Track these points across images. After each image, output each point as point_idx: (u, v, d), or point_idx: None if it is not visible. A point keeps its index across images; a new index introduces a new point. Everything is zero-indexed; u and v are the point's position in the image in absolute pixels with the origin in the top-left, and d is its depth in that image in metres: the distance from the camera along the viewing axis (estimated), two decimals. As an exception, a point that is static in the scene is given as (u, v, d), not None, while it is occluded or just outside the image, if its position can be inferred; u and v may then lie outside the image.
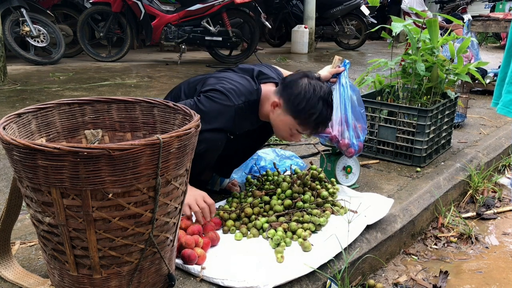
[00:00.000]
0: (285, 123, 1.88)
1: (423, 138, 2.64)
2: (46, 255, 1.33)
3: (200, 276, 1.54)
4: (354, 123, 2.19)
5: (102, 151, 1.11)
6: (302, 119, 1.85)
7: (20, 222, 1.90)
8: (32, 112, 1.45)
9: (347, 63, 2.17)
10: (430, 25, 2.61)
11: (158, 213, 1.27)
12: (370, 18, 8.75)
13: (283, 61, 7.16)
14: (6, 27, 5.38)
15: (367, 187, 2.41)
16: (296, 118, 1.85)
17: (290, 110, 1.85)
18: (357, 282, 1.86)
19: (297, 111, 1.84)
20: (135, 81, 5.16)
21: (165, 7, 6.46)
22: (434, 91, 2.75)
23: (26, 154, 1.14)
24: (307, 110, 1.83)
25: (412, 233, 2.26)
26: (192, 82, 2.02)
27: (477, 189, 2.77)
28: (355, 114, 2.18)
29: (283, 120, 1.88)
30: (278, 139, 3.22)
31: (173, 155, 1.25)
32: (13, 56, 5.88)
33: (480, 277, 2.04)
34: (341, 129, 2.16)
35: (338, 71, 2.17)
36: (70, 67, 5.99)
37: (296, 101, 1.83)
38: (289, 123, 1.87)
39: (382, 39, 10.32)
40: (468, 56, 4.16)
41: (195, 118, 1.35)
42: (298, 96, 1.83)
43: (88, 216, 1.18)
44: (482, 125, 3.79)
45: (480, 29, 4.90)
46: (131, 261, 1.29)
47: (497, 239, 2.39)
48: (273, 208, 1.94)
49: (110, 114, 1.61)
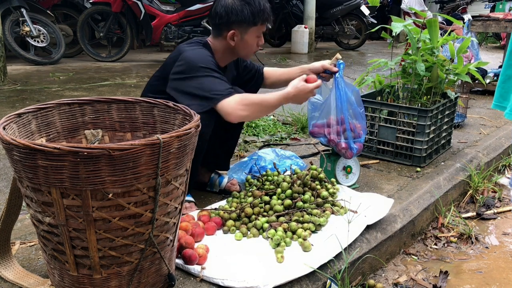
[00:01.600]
0: (251, 37, 2.01)
1: (423, 138, 2.64)
2: (46, 255, 1.33)
3: (200, 276, 1.54)
4: (354, 124, 2.19)
5: (102, 151, 1.11)
6: (259, 18, 1.98)
7: (20, 222, 1.90)
8: (32, 112, 1.45)
9: (341, 63, 2.16)
10: (430, 25, 2.61)
11: (158, 213, 1.27)
12: (370, 18, 8.74)
13: (283, 61, 7.15)
14: (6, 27, 5.38)
15: (367, 187, 2.41)
16: (256, 23, 1.98)
17: (248, 23, 1.97)
18: (357, 282, 1.86)
19: (252, 17, 1.96)
20: (135, 81, 5.16)
21: (165, 7, 6.46)
22: (434, 91, 2.75)
23: (26, 154, 1.14)
24: (255, 8, 1.96)
25: (412, 233, 2.26)
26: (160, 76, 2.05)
27: (477, 189, 2.77)
28: (354, 114, 2.18)
29: (249, 37, 2.00)
30: (278, 139, 3.22)
31: (173, 155, 1.25)
32: (13, 56, 5.88)
33: (480, 277, 2.04)
34: (339, 130, 2.17)
35: (331, 68, 2.16)
36: (70, 67, 5.99)
37: (244, 14, 1.94)
38: (254, 33, 2.00)
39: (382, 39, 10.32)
40: (468, 56, 4.15)
41: (195, 118, 1.35)
42: (241, 10, 1.94)
43: (88, 216, 1.18)
44: (482, 125, 3.79)
45: (480, 29, 4.89)
46: (131, 261, 1.29)
47: (497, 239, 2.39)
48: (273, 208, 1.94)
49: (110, 114, 1.61)
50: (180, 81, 1.90)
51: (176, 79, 1.91)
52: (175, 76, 1.91)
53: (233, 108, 1.84)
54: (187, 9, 6.31)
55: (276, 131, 3.43)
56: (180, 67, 1.91)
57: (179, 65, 1.91)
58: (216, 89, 1.86)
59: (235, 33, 1.98)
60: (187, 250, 1.58)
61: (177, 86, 1.90)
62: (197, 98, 1.86)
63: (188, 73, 1.89)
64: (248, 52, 2.07)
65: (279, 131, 3.43)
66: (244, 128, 3.39)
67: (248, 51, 2.07)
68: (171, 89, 1.92)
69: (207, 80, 1.87)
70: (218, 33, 2.02)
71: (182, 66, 1.90)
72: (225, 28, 1.98)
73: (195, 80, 1.87)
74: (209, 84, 1.87)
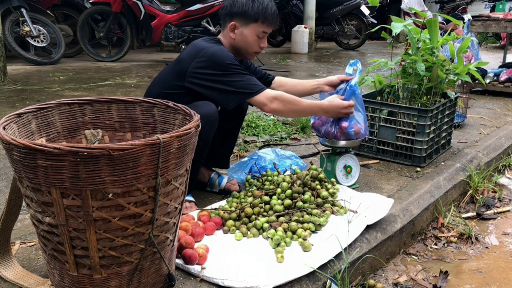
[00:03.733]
0: (251, 33, 2.03)
1: (423, 138, 2.64)
2: (46, 255, 1.33)
3: (200, 276, 1.54)
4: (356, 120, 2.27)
5: (102, 151, 1.11)
6: (262, 16, 2.00)
7: (20, 222, 1.90)
8: (32, 112, 1.45)
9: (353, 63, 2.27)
10: (430, 25, 2.61)
11: (158, 213, 1.27)
12: (370, 18, 8.75)
13: (283, 61, 7.16)
14: (6, 27, 5.38)
15: (367, 187, 2.42)
16: (257, 20, 2.00)
17: (249, 18, 2.00)
18: (357, 282, 1.86)
19: (254, 13, 1.99)
20: (135, 81, 5.16)
21: (165, 7, 6.47)
22: (434, 91, 2.75)
23: (26, 154, 1.14)
24: (259, 5, 1.99)
25: (412, 233, 2.26)
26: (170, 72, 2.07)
27: (477, 189, 2.77)
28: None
29: (248, 33, 2.03)
30: (278, 139, 3.22)
31: (173, 155, 1.25)
32: (13, 56, 5.89)
33: (480, 277, 2.04)
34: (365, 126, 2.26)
35: (346, 78, 2.25)
36: (70, 67, 5.99)
37: (246, 7, 1.99)
38: (254, 30, 2.02)
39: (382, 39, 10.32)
40: (468, 56, 4.16)
41: (195, 118, 1.35)
42: (245, 3, 1.99)
43: (88, 216, 1.18)
44: (482, 125, 3.79)
45: (480, 29, 4.89)
46: (131, 261, 1.29)
47: (497, 239, 2.39)
48: (273, 208, 1.94)
49: (110, 114, 1.61)
50: (208, 77, 1.94)
51: (203, 75, 1.95)
52: (199, 71, 1.95)
53: (270, 100, 1.97)
54: (187, 9, 6.31)
55: (276, 131, 3.43)
56: (203, 63, 1.94)
57: (202, 61, 1.95)
58: (253, 83, 1.96)
59: (235, 25, 2.02)
60: (187, 250, 1.58)
61: (205, 83, 1.95)
62: (230, 93, 1.94)
63: (216, 69, 1.93)
64: (248, 49, 2.08)
65: (279, 131, 3.43)
66: (244, 128, 3.39)
67: (248, 48, 2.08)
68: (197, 86, 1.96)
69: (239, 77, 1.95)
70: (224, 25, 2.07)
71: (207, 62, 1.94)
72: (228, 19, 2.04)
73: (227, 77, 1.93)
74: (243, 80, 1.95)
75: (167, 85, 2.01)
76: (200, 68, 1.94)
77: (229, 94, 1.94)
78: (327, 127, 2.25)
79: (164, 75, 2.07)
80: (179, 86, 1.98)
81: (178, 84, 1.98)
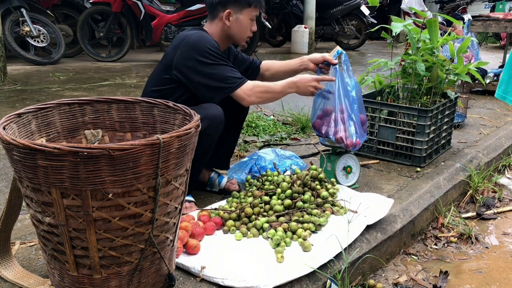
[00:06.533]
0: (246, 18, 2.06)
1: (423, 138, 2.64)
2: (46, 255, 1.33)
3: (200, 275, 1.54)
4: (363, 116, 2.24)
5: (102, 151, 1.11)
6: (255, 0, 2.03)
7: (20, 222, 1.90)
8: (32, 112, 1.45)
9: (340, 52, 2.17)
10: (430, 25, 2.61)
11: (158, 213, 1.27)
12: (370, 18, 8.74)
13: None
14: (6, 27, 5.38)
15: (367, 187, 2.41)
16: (250, 4, 2.03)
17: (242, 3, 2.02)
18: (357, 282, 1.86)
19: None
20: (135, 81, 5.16)
21: (165, 7, 6.46)
22: (434, 91, 2.75)
23: (26, 154, 1.14)
24: None
25: (412, 233, 2.26)
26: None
27: (477, 189, 2.77)
28: (360, 109, 2.21)
29: (243, 18, 2.05)
30: (278, 139, 3.22)
31: (173, 155, 1.25)
32: (13, 56, 5.88)
33: (480, 277, 2.04)
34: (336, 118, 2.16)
35: (330, 60, 2.18)
36: (70, 67, 5.99)
37: None
38: (248, 15, 2.05)
39: (382, 39, 10.32)
40: (468, 56, 4.16)
41: (195, 118, 1.35)
42: None
43: (88, 216, 1.18)
44: (482, 125, 3.79)
45: (480, 29, 4.89)
46: (131, 261, 1.29)
47: (497, 239, 2.39)
48: (273, 208, 1.94)
49: (110, 114, 1.61)
50: (191, 69, 1.95)
51: (186, 67, 1.95)
52: (183, 62, 1.96)
53: (248, 95, 1.99)
54: (187, 9, 6.30)
55: (276, 131, 3.43)
56: (186, 52, 1.95)
57: (185, 50, 1.96)
58: (230, 76, 1.96)
59: (230, 12, 2.04)
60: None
61: (189, 75, 1.96)
62: (212, 89, 1.95)
63: (197, 55, 1.93)
64: (243, 35, 2.10)
65: (279, 131, 3.43)
66: (244, 128, 3.39)
67: (243, 34, 2.10)
68: (183, 76, 1.97)
69: (219, 68, 1.95)
70: (214, 14, 2.08)
71: (188, 50, 1.95)
72: (221, 8, 2.04)
73: (208, 68, 1.94)
74: (222, 73, 1.95)
75: (158, 81, 2.04)
76: (184, 59, 1.96)
77: (211, 89, 1.96)
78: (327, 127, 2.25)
79: (155, 72, 2.10)
80: (169, 79, 2.00)
81: (168, 78, 2.00)
